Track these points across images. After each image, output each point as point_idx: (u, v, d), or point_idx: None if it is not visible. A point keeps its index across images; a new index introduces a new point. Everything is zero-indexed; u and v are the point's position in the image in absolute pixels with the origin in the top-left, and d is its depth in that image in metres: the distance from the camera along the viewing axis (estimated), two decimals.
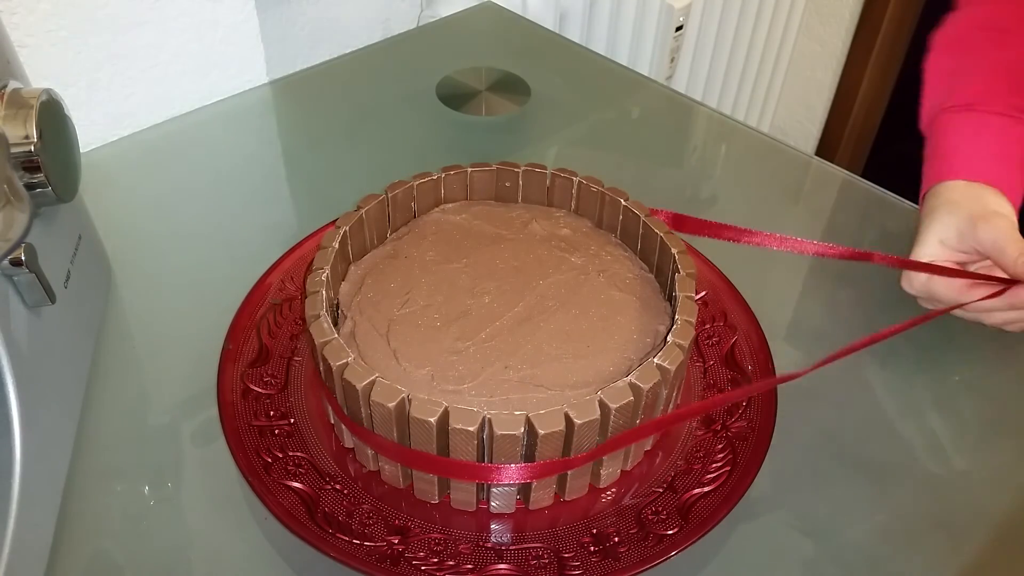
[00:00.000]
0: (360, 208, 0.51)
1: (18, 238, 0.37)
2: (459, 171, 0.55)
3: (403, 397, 0.41)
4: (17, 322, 0.42)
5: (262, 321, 0.54)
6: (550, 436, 0.40)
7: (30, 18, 0.63)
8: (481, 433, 0.40)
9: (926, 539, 0.46)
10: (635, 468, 0.48)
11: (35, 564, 0.42)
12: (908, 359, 0.56)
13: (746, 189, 0.73)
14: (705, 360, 0.53)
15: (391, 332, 0.46)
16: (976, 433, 0.52)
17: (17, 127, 0.41)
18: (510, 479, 0.42)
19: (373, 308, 0.48)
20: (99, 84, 0.69)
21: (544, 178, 0.56)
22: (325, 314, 0.45)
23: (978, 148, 0.56)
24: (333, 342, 0.43)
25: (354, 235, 0.51)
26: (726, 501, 0.44)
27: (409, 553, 0.42)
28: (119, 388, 0.53)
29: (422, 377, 0.44)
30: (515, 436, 0.40)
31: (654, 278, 0.52)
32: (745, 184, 0.73)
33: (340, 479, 0.46)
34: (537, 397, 0.43)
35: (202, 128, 0.76)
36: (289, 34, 0.82)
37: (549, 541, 0.43)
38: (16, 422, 0.41)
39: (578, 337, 0.46)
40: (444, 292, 0.49)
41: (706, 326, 0.55)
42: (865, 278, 0.62)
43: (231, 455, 0.46)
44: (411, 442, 0.42)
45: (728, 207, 0.70)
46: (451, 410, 0.40)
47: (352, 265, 0.52)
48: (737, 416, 0.49)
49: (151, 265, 0.61)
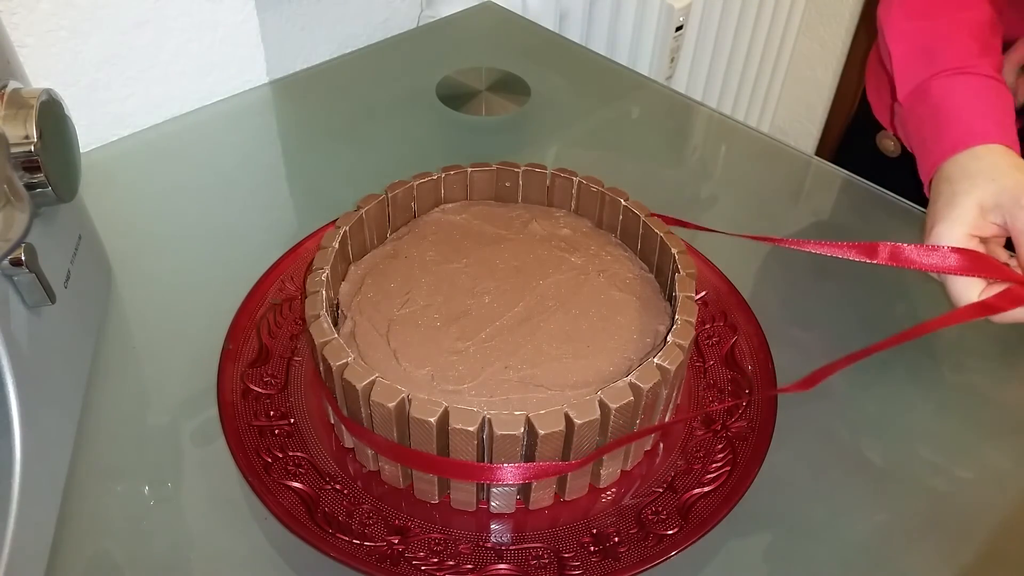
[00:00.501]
0: (360, 208, 0.51)
1: (18, 238, 0.37)
2: (459, 171, 0.55)
3: (403, 397, 0.41)
4: (17, 322, 0.42)
5: (262, 321, 0.54)
6: (550, 436, 0.40)
7: (30, 18, 0.63)
8: (481, 433, 0.40)
9: (926, 539, 0.46)
10: (635, 468, 0.48)
11: (35, 564, 0.42)
12: (909, 358, 0.56)
13: (746, 189, 0.73)
14: (705, 360, 0.53)
15: (391, 332, 0.46)
16: (976, 434, 0.52)
17: (17, 127, 0.41)
18: (510, 479, 0.42)
19: (373, 308, 0.48)
20: (99, 84, 0.69)
21: (544, 178, 0.56)
22: (325, 314, 0.45)
23: (987, 111, 0.55)
24: (333, 342, 0.43)
25: (354, 235, 0.51)
26: (726, 501, 0.44)
27: (409, 553, 0.42)
28: (119, 388, 0.53)
29: (422, 377, 0.44)
30: (515, 436, 0.40)
31: (654, 278, 0.52)
32: (745, 184, 0.73)
33: (340, 479, 0.46)
34: (537, 397, 0.43)
35: (202, 128, 0.76)
36: (289, 34, 0.82)
37: (549, 541, 0.44)
38: (16, 422, 0.41)
39: (578, 337, 0.46)
40: (444, 292, 0.49)
41: (706, 326, 0.55)
42: (866, 277, 0.62)
43: (231, 455, 0.46)
44: (411, 442, 0.42)
45: (728, 207, 0.70)
46: (451, 410, 0.40)
47: (352, 265, 0.52)
48: (737, 416, 0.49)
49: (151, 265, 0.61)
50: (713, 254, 0.59)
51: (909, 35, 0.61)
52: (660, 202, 0.56)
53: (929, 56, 0.59)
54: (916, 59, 0.60)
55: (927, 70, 0.58)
